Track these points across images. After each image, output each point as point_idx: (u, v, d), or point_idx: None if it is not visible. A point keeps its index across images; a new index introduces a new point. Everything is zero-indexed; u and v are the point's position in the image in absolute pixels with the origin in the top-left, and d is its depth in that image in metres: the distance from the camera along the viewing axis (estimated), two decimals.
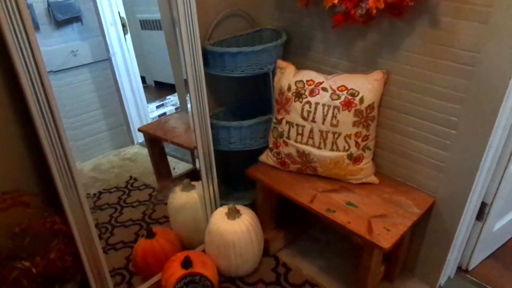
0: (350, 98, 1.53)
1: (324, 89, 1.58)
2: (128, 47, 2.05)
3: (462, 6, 1.24)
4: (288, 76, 1.64)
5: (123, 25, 2.00)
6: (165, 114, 2.41)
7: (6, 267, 1.23)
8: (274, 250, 1.91)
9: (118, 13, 1.97)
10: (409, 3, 1.28)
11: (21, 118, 1.24)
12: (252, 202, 1.92)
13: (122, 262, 1.83)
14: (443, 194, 1.52)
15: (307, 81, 1.61)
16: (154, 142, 2.14)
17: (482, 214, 1.61)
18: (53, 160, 1.23)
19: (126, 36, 2.03)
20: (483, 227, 1.65)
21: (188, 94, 1.60)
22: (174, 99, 2.44)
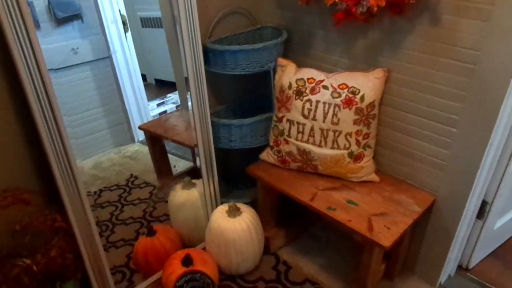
0: (351, 96, 1.53)
1: (325, 87, 1.57)
2: (128, 45, 2.05)
3: (464, 4, 1.24)
4: (289, 74, 1.64)
5: (124, 23, 1.99)
6: (165, 112, 2.41)
7: (7, 265, 1.23)
8: (274, 248, 1.91)
9: (119, 10, 1.96)
10: (410, 1, 1.27)
11: (21, 116, 1.24)
12: (252, 200, 1.92)
13: (123, 260, 1.83)
14: (444, 193, 1.52)
15: (308, 79, 1.61)
16: (155, 140, 2.14)
17: (482, 212, 1.61)
18: (53, 158, 1.23)
19: (126, 34, 2.02)
20: (484, 226, 1.65)
21: (188, 92, 1.60)
22: (174, 97, 2.44)
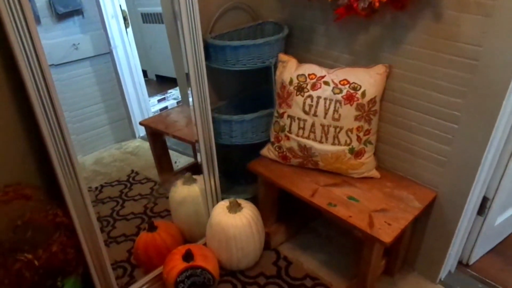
0: (352, 92, 1.52)
1: (326, 83, 1.57)
2: (129, 41, 2.05)
3: None
4: (290, 69, 1.63)
5: (125, 18, 1.99)
6: (166, 108, 2.41)
7: (8, 260, 1.23)
8: (275, 244, 1.91)
9: (120, 6, 1.96)
10: None
11: (22, 112, 1.24)
12: (253, 196, 1.92)
13: (124, 255, 1.84)
14: (445, 189, 1.52)
15: (309, 74, 1.60)
16: (156, 136, 2.14)
17: (483, 208, 1.61)
18: (54, 153, 1.23)
19: (127, 29, 2.02)
20: (484, 222, 1.65)
21: (189, 87, 1.59)
22: (175, 93, 2.44)
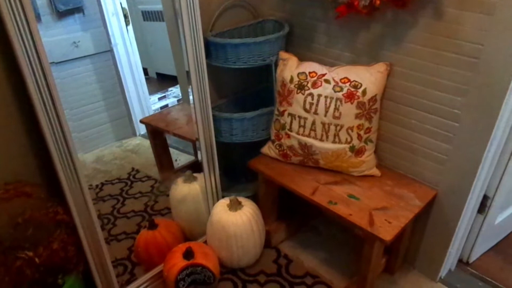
0: (352, 90, 1.52)
1: (326, 81, 1.57)
2: (130, 38, 2.04)
3: None
4: (290, 67, 1.63)
5: (125, 16, 1.99)
6: (167, 106, 2.41)
7: (9, 257, 1.23)
8: (275, 242, 1.92)
9: (120, 3, 1.95)
10: None
11: (23, 110, 1.24)
12: (254, 194, 1.93)
13: (124, 253, 1.84)
14: (445, 187, 1.52)
15: (310, 73, 1.60)
16: (156, 133, 2.14)
17: (483, 207, 1.61)
18: (55, 151, 1.23)
19: (128, 27, 2.02)
20: (485, 220, 1.65)
21: (190, 85, 1.59)
22: (176, 91, 2.44)
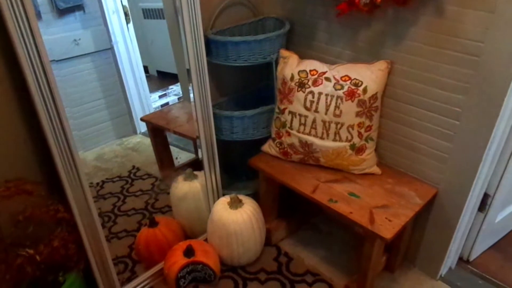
0: (353, 88, 1.52)
1: (327, 79, 1.57)
2: (130, 36, 2.04)
3: None
4: (291, 65, 1.63)
5: (126, 13, 1.98)
6: (167, 104, 2.41)
7: (10, 255, 1.24)
8: (276, 240, 1.92)
9: (121, 1, 1.95)
10: None
11: (24, 108, 1.24)
12: (254, 192, 1.93)
13: (125, 251, 1.85)
14: (446, 185, 1.52)
15: (310, 71, 1.60)
16: (157, 131, 2.14)
17: (484, 205, 1.61)
18: (56, 149, 1.23)
19: (128, 25, 2.02)
20: (485, 218, 1.65)
21: (190, 83, 1.59)
22: (176, 89, 2.44)
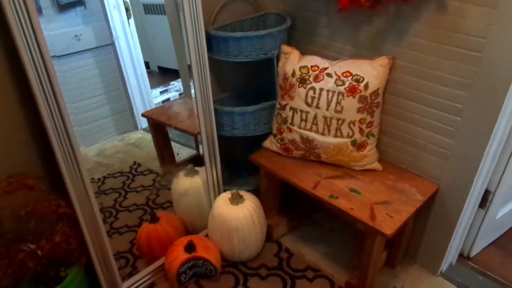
0: (354, 84, 1.52)
1: (328, 74, 1.56)
2: (131, 32, 2.04)
3: None
4: (292, 61, 1.63)
5: (127, 9, 1.98)
6: (168, 99, 2.41)
7: (12, 250, 1.24)
8: (277, 236, 1.92)
9: None
10: None
11: (25, 103, 1.24)
12: (255, 187, 1.93)
13: (126, 246, 1.85)
14: (447, 182, 1.52)
15: (312, 66, 1.60)
16: (158, 127, 2.14)
17: (485, 201, 1.61)
18: (57, 145, 1.23)
19: (129, 20, 2.01)
20: (486, 215, 1.65)
21: (191, 79, 1.59)
22: (178, 85, 2.43)
